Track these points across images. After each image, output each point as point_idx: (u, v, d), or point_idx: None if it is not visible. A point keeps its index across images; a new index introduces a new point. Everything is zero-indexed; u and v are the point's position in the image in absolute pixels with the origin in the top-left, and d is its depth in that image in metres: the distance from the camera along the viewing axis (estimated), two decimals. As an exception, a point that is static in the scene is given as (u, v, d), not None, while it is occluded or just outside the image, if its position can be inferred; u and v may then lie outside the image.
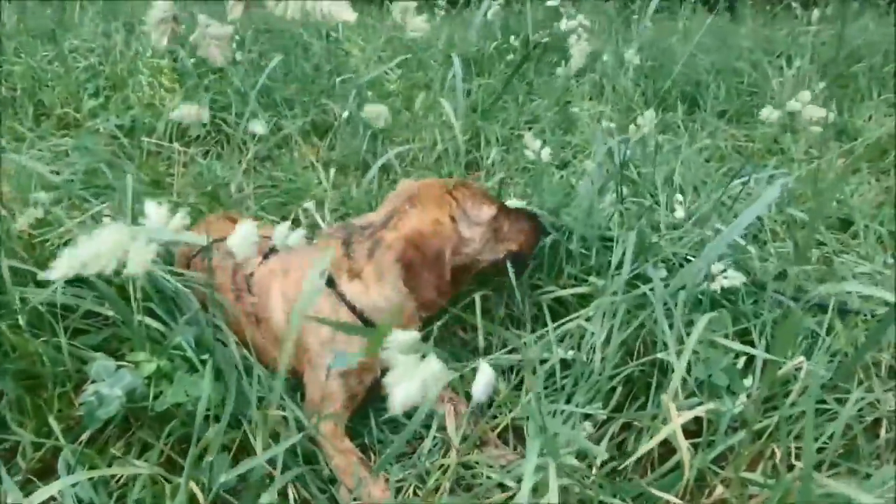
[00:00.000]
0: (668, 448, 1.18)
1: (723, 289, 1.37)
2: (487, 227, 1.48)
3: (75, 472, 1.04)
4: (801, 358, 1.32)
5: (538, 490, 0.95)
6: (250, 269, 1.55)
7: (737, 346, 1.26)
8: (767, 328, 1.48)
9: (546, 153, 1.44)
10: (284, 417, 1.27)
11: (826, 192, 1.48)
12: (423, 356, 0.61)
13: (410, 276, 1.37)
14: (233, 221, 1.85)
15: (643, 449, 1.02)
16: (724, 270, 1.26)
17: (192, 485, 0.98)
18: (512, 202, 1.51)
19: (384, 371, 1.53)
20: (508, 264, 1.54)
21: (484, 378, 0.60)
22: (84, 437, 1.14)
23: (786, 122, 3.08)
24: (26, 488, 1.11)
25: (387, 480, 1.30)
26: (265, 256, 1.59)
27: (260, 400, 1.30)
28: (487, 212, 1.48)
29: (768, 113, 1.43)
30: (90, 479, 1.06)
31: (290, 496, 1.19)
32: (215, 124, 2.68)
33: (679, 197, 1.42)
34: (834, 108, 3.21)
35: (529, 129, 2.31)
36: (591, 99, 3.10)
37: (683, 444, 1.00)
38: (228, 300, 1.55)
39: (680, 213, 1.41)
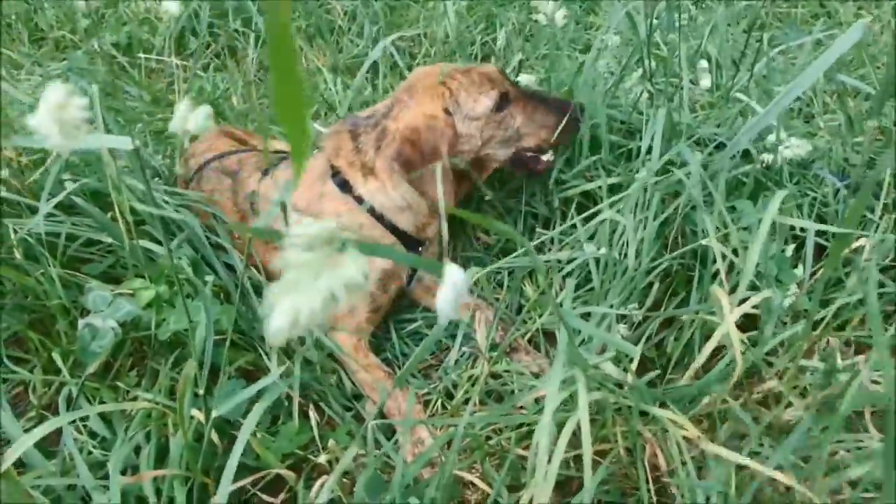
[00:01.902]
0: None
1: (766, 168, 1.23)
2: (488, 120, 1.34)
3: (78, 407, 0.99)
4: (862, 237, 1.19)
5: (569, 403, 0.87)
6: (251, 187, 1.45)
7: (806, 223, 1.12)
8: (815, 210, 1.35)
9: (560, 16, 1.26)
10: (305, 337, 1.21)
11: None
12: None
13: (410, 170, 1.28)
14: (232, 137, 1.75)
15: (707, 349, 0.92)
16: (786, 139, 1.10)
17: (199, 414, 0.92)
18: (523, 77, 1.35)
19: (409, 278, 1.47)
20: (529, 163, 1.41)
21: (450, 285, 0.43)
22: (92, 369, 1.09)
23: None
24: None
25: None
26: (265, 172, 1.49)
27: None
28: (484, 103, 1.33)
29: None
30: (98, 413, 1.02)
31: (312, 417, 1.14)
32: (214, 34, 2.52)
33: (704, 64, 1.25)
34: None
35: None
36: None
37: (737, 338, 0.90)
38: (234, 221, 1.46)
39: (706, 82, 1.24)
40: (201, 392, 0.91)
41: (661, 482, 1.00)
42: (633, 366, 0.97)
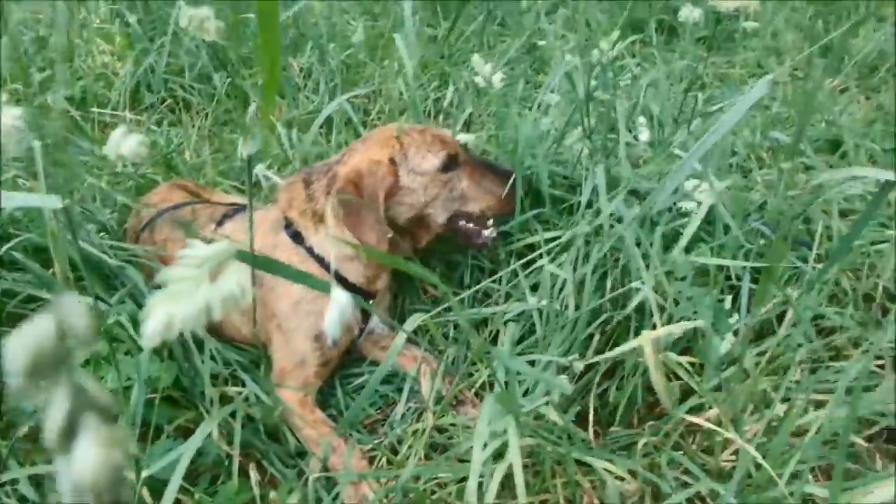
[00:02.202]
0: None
1: (702, 221, 1.27)
2: (433, 179, 1.38)
3: (7, 469, 0.96)
4: (790, 290, 1.24)
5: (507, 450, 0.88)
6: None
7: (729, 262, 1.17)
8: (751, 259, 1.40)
9: (497, 79, 1.32)
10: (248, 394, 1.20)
11: (807, 110, 1.36)
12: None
13: (348, 214, 1.30)
14: (185, 190, 1.76)
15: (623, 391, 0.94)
16: (698, 186, 1.16)
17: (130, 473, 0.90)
18: (462, 137, 1.39)
19: (362, 331, 1.47)
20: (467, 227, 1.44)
21: (335, 306, 0.47)
22: (23, 431, 1.05)
23: (770, 44, 2.96)
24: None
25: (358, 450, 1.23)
26: (219, 223, 1.50)
27: (215, 377, 1.22)
28: (432, 161, 1.37)
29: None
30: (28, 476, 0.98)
31: (253, 476, 1.12)
32: (169, 89, 2.54)
33: (642, 120, 1.31)
34: (820, 26, 3.07)
35: (474, 52, 2.17)
36: (563, 36, 2.95)
37: (663, 383, 0.92)
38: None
39: (645, 136, 1.30)
40: (132, 451, 0.89)
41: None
42: (572, 415, 0.99)
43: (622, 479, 0.95)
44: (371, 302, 1.43)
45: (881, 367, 1.20)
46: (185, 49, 2.60)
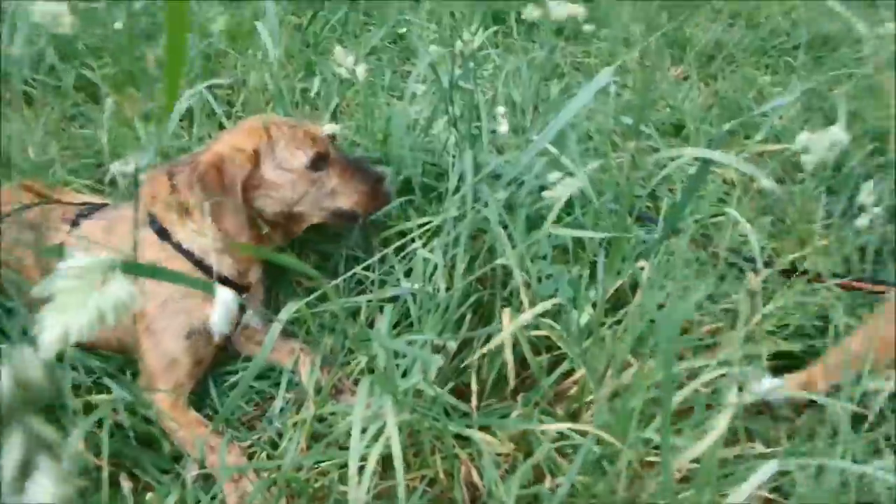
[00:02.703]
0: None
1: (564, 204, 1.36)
2: (302, 176, 1.38)
3: None
4: (641, 261, 1.35)
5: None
6: (58, 241, 1.37)
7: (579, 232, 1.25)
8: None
9: (361, 70, 1.33)
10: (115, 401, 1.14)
11: (648, 94, 1.48)
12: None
13: (207, 198, 1.28)
14: (32, 191, 1.63)
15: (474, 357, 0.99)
16: (562, 178, 1.24)
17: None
18: (328, 127, 1.40)
19: (236, 326, 1.44)
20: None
21: (221, 303, 0.50)
22: None
23: (619, 36, 3.16)
24: None
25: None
26: (74, 223, 1.41)
27: (77, 387, 1.16)
28: (300, 158, 1.37)
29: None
30: None
31: (125, 486, 1.07)
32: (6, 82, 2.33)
33: (501, 109, 1.38)
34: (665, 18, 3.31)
35: (341, 44, 2.18)
36: (427, 27, 3.00)
37: (510, 356, 0.99)
38: (34, 277, 1.36)
39: (504, 127, 1.37)
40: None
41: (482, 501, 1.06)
42: (448, 392, 1.03)
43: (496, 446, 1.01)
44: (244, 296, 1.41)
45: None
46: (26, 38, 2.39)
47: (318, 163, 1.39)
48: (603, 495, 0.93)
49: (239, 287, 1.39)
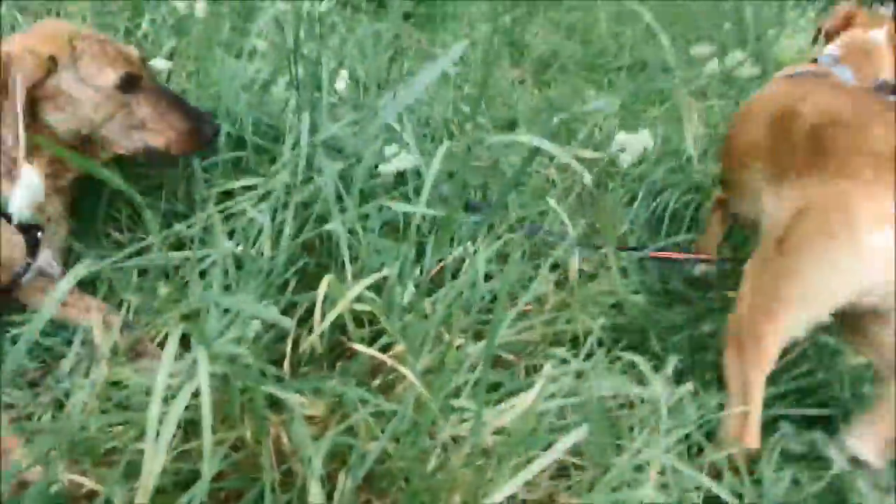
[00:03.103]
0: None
1: (398, 176, 1.37)
2: (109, 96, 1.27)
3: None
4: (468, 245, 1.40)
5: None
6: None
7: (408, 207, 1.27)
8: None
9: (202, 7, 1.25)
10: None
11: (486, 84, 1.54)
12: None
13: None
14: None
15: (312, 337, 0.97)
16: (397, 154, 1.26)
17: None
18: (156, 62, 1.30)
19: (28, 267, 1.28)
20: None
21: (25, 186, 0.44)
22: None
23: (464, 31, 3.26)
24: None
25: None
26: None
27: None
28: (109, 75, 1.26)
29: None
30: None
31: None
32: None
33: (344, 73, 1.36)
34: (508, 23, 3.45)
35: None
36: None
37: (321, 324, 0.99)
38: None
39: (341, 85, 1.34)
40: None
41: (289, 465, 1.04)
42: (265, 358, 1.00)
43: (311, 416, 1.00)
44: (40, 235, 1.26)
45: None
46: None
47: (128, 86, 1.28)
48: (413, 463, 0.95)
49: (34, 225, 1.24)
